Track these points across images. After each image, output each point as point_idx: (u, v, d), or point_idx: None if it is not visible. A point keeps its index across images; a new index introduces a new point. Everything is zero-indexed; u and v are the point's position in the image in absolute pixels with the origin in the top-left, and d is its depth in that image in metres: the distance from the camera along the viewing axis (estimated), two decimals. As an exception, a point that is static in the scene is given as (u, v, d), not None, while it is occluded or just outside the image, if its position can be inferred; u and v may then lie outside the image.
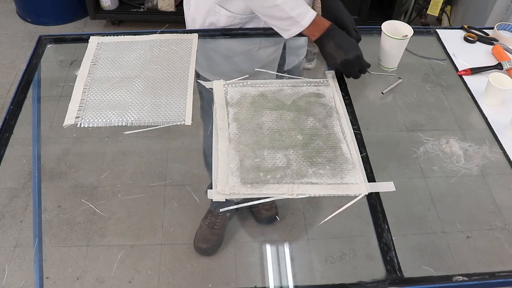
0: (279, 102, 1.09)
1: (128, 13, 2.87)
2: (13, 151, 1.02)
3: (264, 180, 0.91)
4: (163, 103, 1.09)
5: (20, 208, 1.44)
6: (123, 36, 1.27)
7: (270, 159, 0.96)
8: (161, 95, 1.11)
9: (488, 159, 1.03)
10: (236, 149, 0.97)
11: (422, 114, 1.19)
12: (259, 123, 1.04)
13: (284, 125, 1.04)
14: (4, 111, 1.11)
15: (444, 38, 1.35)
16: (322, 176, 0.93)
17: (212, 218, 1.48)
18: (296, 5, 1.07)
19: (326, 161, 0.96)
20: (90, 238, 1.31)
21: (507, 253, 0.99)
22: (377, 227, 0.88)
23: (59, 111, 1.15)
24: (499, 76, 1.15)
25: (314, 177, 0.93)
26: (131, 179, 1.30)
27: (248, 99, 1.10)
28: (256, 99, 1.10)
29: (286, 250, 1.30)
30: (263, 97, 1.10)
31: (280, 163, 0.95)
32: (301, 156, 0.97)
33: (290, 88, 1.13)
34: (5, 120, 1.05)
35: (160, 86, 1.14)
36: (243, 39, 1.25)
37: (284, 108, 1.08)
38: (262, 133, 1.01)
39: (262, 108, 1.08)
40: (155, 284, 1.34)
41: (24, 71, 1.16)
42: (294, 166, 0.95)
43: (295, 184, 0.91)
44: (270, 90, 1.12)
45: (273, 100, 1.10)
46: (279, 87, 1.13)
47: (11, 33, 2.84)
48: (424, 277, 0.83)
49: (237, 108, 1.07)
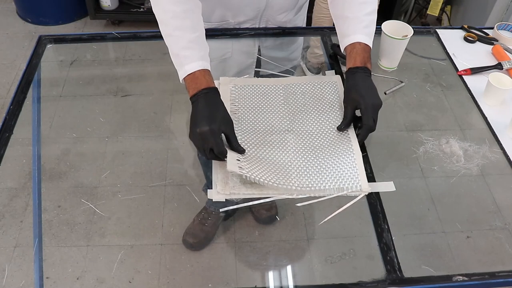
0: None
1: (128, 13, 2.88)
2: (13, 151, 1.02)
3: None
4: (329, 165, 0.95)
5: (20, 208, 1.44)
6: (258, 79, 1.18)
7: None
8: (322, 155, 0.98)
9: (488, 159, 1.03)
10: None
11: (422, 114, 1.20)
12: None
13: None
14: (4, 111, 1.11)
15: (444, 38, 1.35)
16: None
17: (205, 214, 1.48)
18: (191, 48, 0.94)
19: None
20: (90, 238, 1.31)
21: (507, 253, 0.98)
22: (377, 227, 0.88)
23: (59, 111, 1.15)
24: (499, 76, 1.15)
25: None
26: (131, 179, 1.30)
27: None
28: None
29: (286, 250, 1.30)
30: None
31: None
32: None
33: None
34: (5, 120, 1.05)
35: (318, 142, 1.01)
36: (218, 42, 1.21)
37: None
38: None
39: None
40: (155, 284, 1.34)
41: (24, 71, 1.16)
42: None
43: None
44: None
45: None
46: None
47: (11, 33, 2.84)
48: (424, 277, 0.83)
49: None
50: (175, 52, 0.95)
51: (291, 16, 1.24)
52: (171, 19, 0.95)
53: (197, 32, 0.97)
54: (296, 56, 1.35)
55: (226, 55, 1.22)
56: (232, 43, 1.21)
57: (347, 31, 1.05)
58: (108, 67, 1.52)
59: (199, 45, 0.96)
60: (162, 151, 1.36)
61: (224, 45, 1.21)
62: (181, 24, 0.95)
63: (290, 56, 1.33)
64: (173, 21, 0.95)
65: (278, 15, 1.19)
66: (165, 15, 0.95)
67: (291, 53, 1.33)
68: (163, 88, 1.49)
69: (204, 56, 0.96)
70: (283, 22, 1.23)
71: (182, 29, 0.95)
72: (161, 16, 0.97)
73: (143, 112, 1.45)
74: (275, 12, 1.18)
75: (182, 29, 0.95)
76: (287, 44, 1.29)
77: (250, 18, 1.18)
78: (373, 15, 1.06)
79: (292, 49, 1.32)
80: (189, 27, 0.96)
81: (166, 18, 0.95)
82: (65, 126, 1.35)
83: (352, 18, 1.04)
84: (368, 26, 1.04)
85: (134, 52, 1.56)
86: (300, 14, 1.29)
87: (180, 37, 0.94)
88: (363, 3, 1.04)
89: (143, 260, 1.35)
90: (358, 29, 1.03)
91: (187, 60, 0.94)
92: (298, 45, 1.34)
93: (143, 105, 1.48)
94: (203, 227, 1.47)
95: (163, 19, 0.96)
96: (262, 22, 1.20)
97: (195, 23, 0.98)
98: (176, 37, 0.95)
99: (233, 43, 1.21)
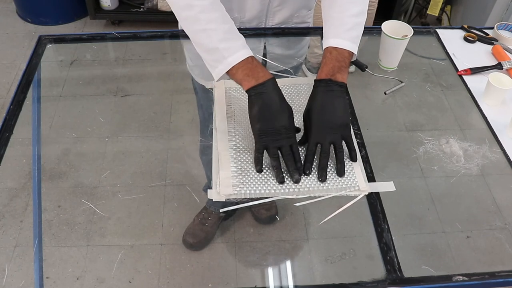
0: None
1: (128, 13, 2.88)
2: (13, 151, 1.02)
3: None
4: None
5: (20, 208, 1.44)
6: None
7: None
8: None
9: (488, 159, 1.03)
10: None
11: (422, 114, 1.20)
12: None
13: None
14: (4, 111, 1.11)
15: (444, 38, 1.35)
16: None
17: (205, 214, 1.48)
18: (229, 39, 0.90)
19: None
20: (90, 238, 1.31)
21: (507, 253, 0.99)
22: (377, 227, 0.88)
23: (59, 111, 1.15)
24: (499, 76, 1.15)
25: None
26: (131, 179, 1.30)
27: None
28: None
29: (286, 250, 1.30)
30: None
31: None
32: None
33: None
34: (5, 120, 1.05)
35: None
36: None
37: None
38: None
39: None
40: (155, 284, 1.34)
41: (24, 71, 1.16)
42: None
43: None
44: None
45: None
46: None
47: (11, 33, 2.84)
48: (424, 277, 0.83)
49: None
50: (213, 46, 0.89)
51: (298, 10, 1.19)
52: (200, 14, 0.89)
53: (229, 22, 0.92)
54: (302, 53, 1.32)
55: None
56: None
57: (327, 33, 0.97)
58: (108, 67, 1.52)
59: (236, 35, 0.92)
60: (162, 151, 1.36)
61: None
62: (213, 17, 0.90)
63: (296, 54, 1.30)
64: (203, 15, 0.89)
65: (284, 8, 1.15)
66: (192, 10, 0.89)
67: (298, 51, 1.30)
68: (163, 88, 1.49)
69: (245, 45, 0.91)
70: (289, 18, 1.19)
71: (215, 21, 0.90)
72: (187, 13, 0.91)
73: (143, 112, 1.45)
74: (280, 5, 1.14)
75: (215, 21, 0.90)
76: (293, 41, 1.27)
77: (256, 12, 1.14)
78: (361, 17, 0.97)
79: (299, 47, 1.30)
80: (220, 18, 0.91)
81: (194, 14, 0.89)
82: (65, 126, 1.35)
83: (335, 19, 0.97)
84: (352, 29, 0.95)
85: (134, 52, 1.56)
86: (310, 12, 1.24)
87: (215, 30, 0.89)
88: (350, 2, 0.96)
89: (143, 260, 1.35)
90: (338, 32, 0.95)
91: (229, 52, 0.88)
92: (305, 42, 1.32)
93: (143, 105, 1.48)
94: (203, 227, 1.47)
95: (189, 15, 0.90)
96: (269, 19, 1.17)
97: (224, 13, 0.93)
98: (211, 31, 0.89)
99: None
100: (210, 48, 0.90)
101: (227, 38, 0.89)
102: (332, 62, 0.93)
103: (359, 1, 0.97)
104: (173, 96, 1.46)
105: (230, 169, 0.93)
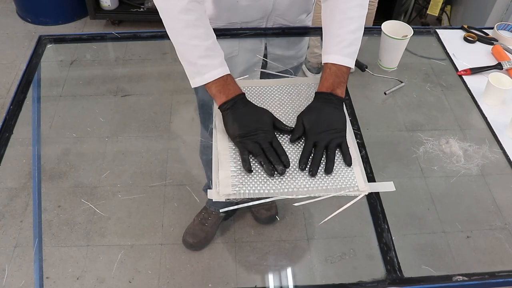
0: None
1: (128, 13, 2.87)
2: (13, 151, 1.02)
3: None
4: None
5: (20, 208, 1.44)
6: (252, 80, 1.16)
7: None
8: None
9: (488, 159, 1.03)
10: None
11: (422, 114, 1.20)
12: None
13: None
14: (4, 111, 1.11)
15: (444, 38, 1.35)
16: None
17: (205, 214, 1.48)
18: (209, 56, 0.95)
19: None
20: (90, 238, 1.31)
21: (507, 253, 0.99)
22: (377, 227, 0.88)
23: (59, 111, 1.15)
24: (499, 76, 1.15)
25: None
26: (131, 179, 1.30)
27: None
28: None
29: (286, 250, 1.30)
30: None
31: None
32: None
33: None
34: (5, 120, 1.05)
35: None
36: (225, 41, 1.20)
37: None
38: None
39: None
40: (155, 284, 1.34)
41: (24, 71, 1.16)
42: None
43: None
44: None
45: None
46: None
47: (11, 33, 2.84)
48: (424, 277, 0.83)
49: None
50: (192, 60, 0.95)
51: (298, 16, 1.22)
52: (184, 29, 0.94)
53: (212, 37, 0.97)
54: (303, 53, 1.34)
55: (233, 53, 1.21)
56: (238, 42, 1.20)
57: (326, 47, 1.02)
58: (108, 67, 1.52)
59: (215, 52, 0.96)
60: (162, 151, 1.36)
61: (231, 44, 1.20)
62: (196, 33, 0.94)
63: (297, 54, 1.31)
64: (187, 30, 0.94)
65: (285, 16, 1.19)
66: (178, 24, 0.94)
67: (298, 51, 1.31)
68: (163, 88, 1.50)
69: (222, 62, 0.97)
70: (291, 22, 1.22)
71: (197, 37, 0.94)
72: (172, 25, 0.95)
73: (143, 112, 1.45)
74: (281, 14, 1.17)
75: (198, 38, 0.94)
76: (293, 41, 1.28)
77: (257, 19, 1.17)
78: (358, 33, 1.02)
79: (299, 47, 1.31)
80: (203, 34, 0.95)
81: (179, 27, 0.94)
82: (65, 126, 1.35)
83: (334, 35, 1.02)
84: (350, 45, 1.00)
85: (134, 52, 1.56)
86: (309, 15, 1.28)
87: (196, 46, 0.94)
88: (348, 18, 1.01)
89: (143, 260, 1.35)
90: (338, 49, 1.00)
91: (205, 69, 0.94)
92: (305, 42, 1.33)
93: (143, 105, 1.48)
94: (203, 227, 1.47)
95: (174, 27, 0.95)
96: (269, 23, 1.20)
97: (207, 29, 0.97)
98: (192, 46, 0.94)
99: (239, 41, 1.20)
100: (190, 61, 0.95)
101: (207, 55, 0.94)
102: (332, 77, 0.99)
103: (357, 18, 1.02)
104: (173, 96, 1.46)
105: (229, 169, 0.93)
